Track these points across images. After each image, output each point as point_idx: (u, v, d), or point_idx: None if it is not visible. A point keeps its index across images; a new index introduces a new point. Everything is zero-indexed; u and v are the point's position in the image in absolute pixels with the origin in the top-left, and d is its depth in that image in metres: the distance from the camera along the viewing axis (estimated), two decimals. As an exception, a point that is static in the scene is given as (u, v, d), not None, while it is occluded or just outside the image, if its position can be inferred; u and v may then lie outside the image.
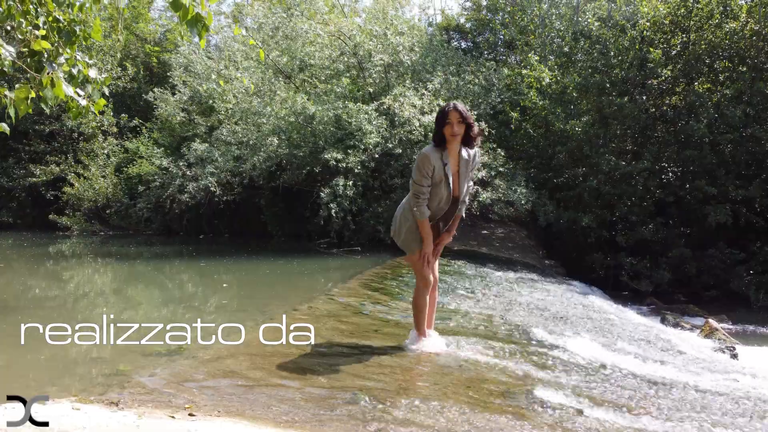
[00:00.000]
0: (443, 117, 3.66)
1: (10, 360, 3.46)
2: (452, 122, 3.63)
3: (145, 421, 2.24)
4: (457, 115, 3.64)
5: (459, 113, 3.64)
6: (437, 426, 2.60)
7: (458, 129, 3.64)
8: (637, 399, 3.58)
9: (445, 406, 2.88)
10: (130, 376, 3.01)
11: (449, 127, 3.63)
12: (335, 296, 5.76)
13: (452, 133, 3.64)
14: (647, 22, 12.44)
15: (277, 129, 12.07)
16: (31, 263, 10.84)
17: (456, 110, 3.65)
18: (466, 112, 3.69)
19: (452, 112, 3.65)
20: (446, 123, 3.64)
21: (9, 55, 2.32)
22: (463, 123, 3.65)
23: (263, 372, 3.12)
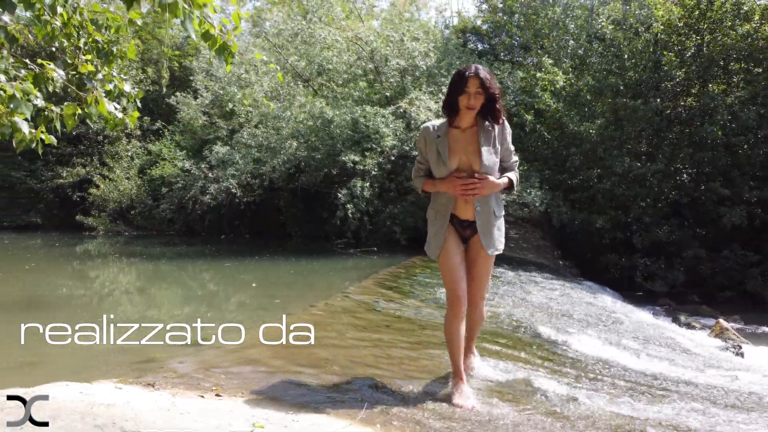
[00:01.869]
0: (460, 83, 2.93)
1: (54, 352, 3.80)
2: (470, 92, 2.92)
3: (179, 400, 2.54)
4: (477, 83, 2.90)
5: (480, 81, 2.90)
6: (438, 409, 2.86)
7: (475, 101, 2.93)
8: (630, 389, 3.80)
9: (448, 392, 3.14)
10: (163, 363, 3.33)
11: (465, 97, 2.93)
12: (351, 294, 6.05)
13: (468, 104, 2.94)
14: (661, 25, 12.54)
15: (295, 132, 12.40)
16: (60, 263, 11.29)
17: (477, 77, 2.90)
18: (489, 80, 2.92)
19: (472, 78, 2.90)
20: (463, 91, 2.93)
21: (60, 78, 2.65)
22: (483, 94, 2.92)
23: (283, 361, 3.41)
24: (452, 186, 3.04)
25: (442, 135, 3.09)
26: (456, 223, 3.19)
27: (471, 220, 3.15)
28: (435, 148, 3.09)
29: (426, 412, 2.81)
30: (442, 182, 3.10)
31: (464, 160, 3.07)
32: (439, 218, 3.19)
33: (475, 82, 2.91)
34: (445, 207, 3.17)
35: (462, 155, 3.07)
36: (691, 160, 12.75)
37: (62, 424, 1.82)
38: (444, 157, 3.06)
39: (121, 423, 1.94)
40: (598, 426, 2.91)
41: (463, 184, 3.01)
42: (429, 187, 3.20)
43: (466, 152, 3.07)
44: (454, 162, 3.07)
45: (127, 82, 3.43)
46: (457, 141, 3.09)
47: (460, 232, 3.20)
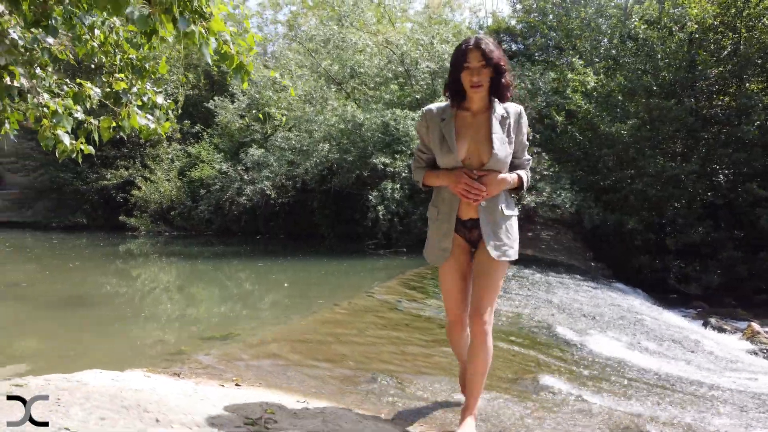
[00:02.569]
0: (460, 58, 2.49)
1: (95, 343, 4.11)
2: (472, 66, 2.46)
3: (201, 388, 2.79)
4: (478, 55, 2.44)
5: (481, 52, 2.43)
6: (443, 402, 3.04)
7: (480, 76, 2.46)
8: (639, 389, 3.89)
9: (455, 387, 3.31)
10: (190, 355, 3.60)
11: (468, 73, 2.48)
12: (375, 294, 6.25)
13: (472, 81, 2.47)
14: (695, 24, 12.39)
15: (327, 135, 12.69)
16: (104, 261, 11.81)
17: (477, 48, 2.44)
18: (492, 51, 2.47)
19: (472, 51, 2.45)
20: (464, 67, 2.48)
21: (97, 95, 2.93)
22: (487, 67, 2.45)
23: (300, 355, 3.64)
24: (456, 182, 2.52)
25: (447, 118, 2.59)
26: (460, 225, 2.65)
27: (475, 218, 2.61)
28: (439, 133, 2.59)
29: (430, 405, 2.99)
30: (447, 175, 2.57)
31: (473, 149, 2.57)
32: (442, 219, 2.65)
33: (476, 54, 2.44)
34: (449, 205, 2.63)
35: (471, 142, 2.57)
36: (728, 161, 12.55)
37: (92, 404, 2.07)
38: (450, 143, 2.55)
39: (146, 405, 2.18)
40: (596, 422, 3.04)
41: (467, 185, 2.49)
42: (432, 180, 2.68)
43: (475, 139, 2.57)
44: (462, 150, 2.56)
45: (159, 94, 3.70)
46: (466, 125, 2.59)
47: (466, 236, 2.67)
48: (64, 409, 1.94)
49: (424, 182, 2.75)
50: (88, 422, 1.86)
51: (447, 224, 2.64)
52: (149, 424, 1.98)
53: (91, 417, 1.91)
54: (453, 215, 2.63)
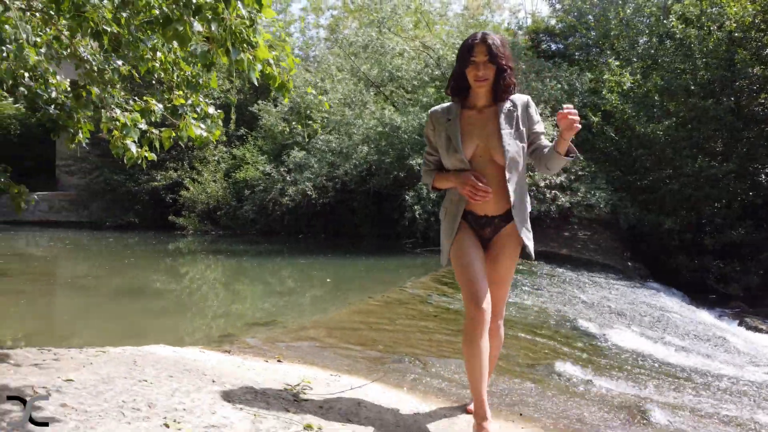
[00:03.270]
0: (466, 53, 2.50)
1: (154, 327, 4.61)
2: (477, 61, 2.47)
3: (248, 362, 3.21)
4: (484, 50, 2.46)
5: (486, 47, 2.46)
6: (461, 381, 3.39)
7: (485, 71, 2.47)
8: (653, 378, 4.15)
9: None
10: (237, 337, 4.05)
11: (473, 68, 2.48)
12: (407, 288, 6.62)
13: (476, 76, 2.48)
14: (734, 23, 12.32)
15: (366, 138, 13.12)
16: (157, 258, 12.51)
17: (483, 43, 2.47)
18: (498, 47, 2.48)
19: (478, 45, 2.47)
20: (469, 62, 2.49)
21: (159, 110, 3.39)
22: (492, 62, 2.47)
23: (335, 339, 4.04)
24: (462, 183, 2.50)
25: (453, 117, 2.57)
26: (472, 221, 2.62)
27: (490, 216, 2.58)
28: (444, 134, 2.58)
29: (449, 383, 3.34)
30: (455, 176, 2.56)
31: (481, 147, 2.54)
32: (449, 216, 2.65)
33: (481, 48, 2.45)
34: (456, 206, 2.62)
35: (478, 140, 2.54)
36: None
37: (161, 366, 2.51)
38: (456, 143, 2.53)
39: (203, 370, 2.61)
40: (599, 402, 3.34)
41: (474, 186, 2.47)
42: (441, 182, 2.67)
43: (482, 136, 2.54)
44: (469, 149, 2.53)
45: (210, 105, 4.16)
46: (472, 123, 2.56)
47: (477, 232, 2.64)
48: (140, 368, 2.37)
49: (433, 185, 2.74)
50: (160, 378, 2.30)
51: (454, 224, 2.62)
52: (207, 383, 2.40)
53: (161, 375, 2.34)
54: (460, 212, 2.61)
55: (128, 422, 1.84)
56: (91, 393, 2.09)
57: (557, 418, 2.97)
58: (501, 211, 2.59)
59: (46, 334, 4.09)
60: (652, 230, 13.23)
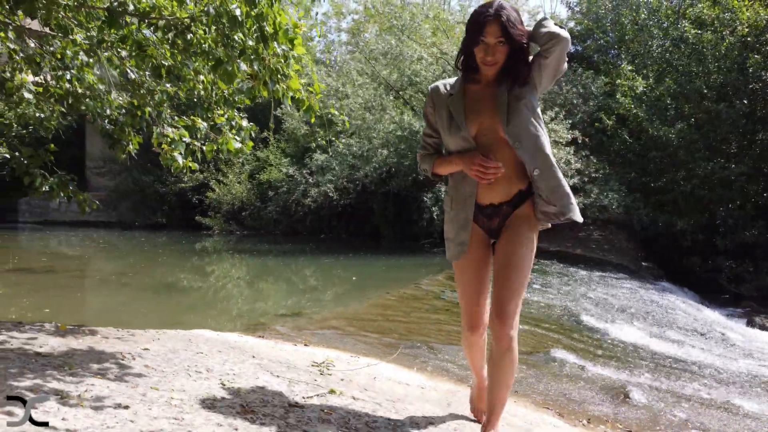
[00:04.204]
0: (476, 29, 2.12)
1: (192, 317, 5.16)
2: (488, 41, 2.10)
3: (279, 345, 3.73)
4: (497, 30, 2.07)
5: (500, 26, 2.06)
6: (464, 363, 3.86)
7: (495, 54, 2.12)
8: (644, 366, 4.57)
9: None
10: (268, 325, 4.57)
11: (482, 48, 2.12)
12: (422, 285, 7.10)
13: (485, 60, 2.13)
14: (746, 28, 12.57)
15: (386, 142, 13.63)
16: (187, 257, 13.15)
17: (497, 20, 2.07)
18: (514, 26, 2.08)
19: (491, 23, 2.07)
20: (479, 41, 2.11)
21: (204, 127, 3.92)
22: (505, 45, 2.10)
23: (355, 328, 4.54)
24: (469, 164, 2.17)
25: (455, 92, 2.26)
26: (478, 213, 2.30)
27: (497, 204, 2.26)
28: (446, 111, 2.26)
29: (453, 365, 3.81)
30: (459, 158, 2.23)
31: (486, 123, 2.20)
32: (457, 208, 2.31)
33: (494, 28, 2.06)
34: (464, 192, 2.28)
35: (484, 117, 2.20)
36: (783, 162, 12.65)
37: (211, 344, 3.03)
38: (458, 120, 2.21)
39: (244, 348, 3.12)
40: (589, 384, 3.79)
41: (482, 164, 2.13)
42: (443, 167, 2.35)
43: (489, 111, 2.20)
44: (473, 125, 2.21)
45: (244, 119, 4.68)
46: (477, 98, 2.24)
47: (485, 225, 2.31)
48: (195, 345, 2.89)
49: (433, 171, 2.39)
50: (212, 352, 2.81)
51: (464, 213, 2.28)
52: (249, 357, 2.91)
53: (213, 349, 2.85)
54: (470, 203, 2.26)
55: (194, 380, 2.36)
56: (164, 359, 2.62)
57: (547, 396, 3.43)
58: (509, 196, 2.23)
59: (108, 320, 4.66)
60: (665, 231, 13.52)
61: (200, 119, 3.77)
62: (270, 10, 2.83)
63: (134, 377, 2.27)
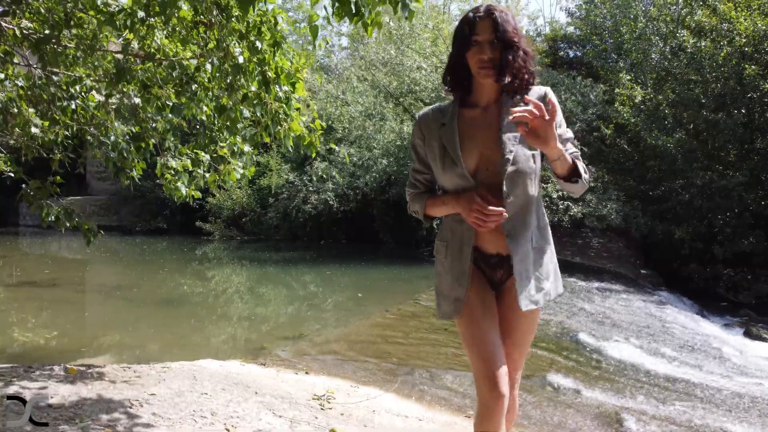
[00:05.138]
0: (467, 29, 1.83)
1: (195, 338, 5.24)
2: (482, 40, 1.81)
3: (281, 374, 3.81)
4: (490, 26, 1.80)
5: (492, 22, 1.81)
6: (463, 392, 3.94)
7: (492, 54, 1.81)
8: (639, 388, 4.65)
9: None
10: (270, 350, 4.66)
11: (477, 50, 1.82)
12: (421, 300, 7.17)
13: (481, 61, 1.82)
14: (743, 38, 12.64)
15: (386, 152, 13.73)
16: (189, 267, 13.23)
17: (489, 17, 1.82)
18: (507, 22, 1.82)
19: (482, 21, 1.81)
20: (472, 42, 1.82)
21: (208, 160, 4.01)
22: (500, 40, 1.80)
23: (355, 352, 4.62)
24: (467, 207, 1.83)
25: (448, 121, 1.93)
26: (480, 262, 1.99)
27: (504, 255, 1.94)
28: (438, 142, 1.94)
29: (452, 393, 3.89)
30: (455, 199, 1.90)
31: (485, 156, 1.89)
32: (452, 257, 1.98)
33: (486, 24, 1.80)
34: (460, 238, 1.97)
35: (483, 147, 1.89)
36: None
37: (215, 380, 3.11)
38: (454, 153, 1.89)
39: (247, 383, 3.20)
40: (583, 411, 3.87)
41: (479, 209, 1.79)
42: (436, 208, 2.02)
43: (487, 142, 1.89)
44: (471, 158, 1.90)
45: (246, 143, 4.76)
46: (475, 125, 1.92)
47: (488, 275, 2.00)
48: (199, 383, 2.98)
49: (425, 213, 2.07)
50: (216, 390, 2.89)
51: (460, 264, 1.95)
52: (252, 394, 3.00)
53: (217, 387, 2.94)
54: (468, 252, 1.94)
55: (200, 427, 2.44)
56: (171, 404, 2.71)
57: (541, 425, 3.51)
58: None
59: (114, 347, 4.75)
60: (664, 239, 13.59)
61: (203, 152, 3.84)
62: (271, 56, 2.91)
63: (143, 428, 2.35)
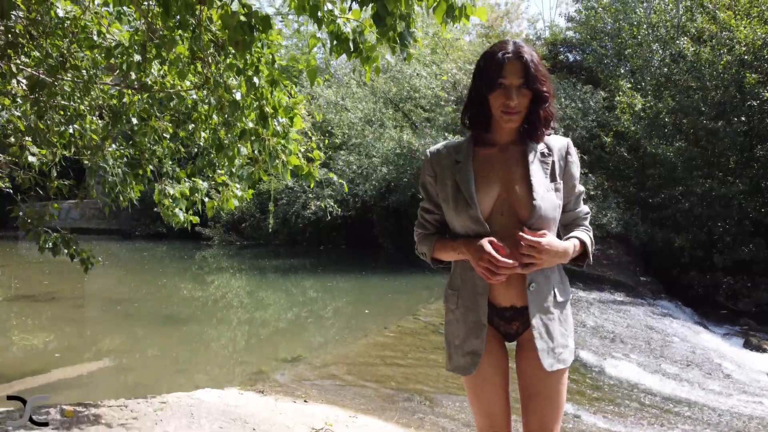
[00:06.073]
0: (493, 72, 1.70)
1: (194, 360, 5.23)
2: (509, 84, 1.69)
3: (280, 404, 3.79)
4: (520, 69, 1.68)
5: (522, 65, 1.68)
6: (462, 419, 3.93)
7: (519, 100, 1.70)
8: (639, 410, 4.64)
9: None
10: (268, 374, 4.64)
11: (502, 93, 1.70)
12: (420, 316, 7.16)
13: (506, 107, 1.70)
14: (743, 47, 12.63)
15: (386, 161, 13.72)
16: (189, 277, 13.20)
17: (519, 59, 1.69)
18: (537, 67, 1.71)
19: (511, 63, 1.68)
20: (497, 84, 1.70)
21: (205, 187, 4.00)
22: (529, 88, 1.69)
23: (353, 376, 4.61)
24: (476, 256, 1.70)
25: (463, 159, 1.82)
26: (494, 316, 1.83)
27: (519, 306, 1.80)
28: (452, 182, 1.82)
29: (452, 421, 3.88)
30: (466, 245, 1.75)
31: (503, 199, 1.77)
32: (465, 307, 1.84)
33: (515, 67, 1.68)
34: (473, 287, 1.82)
35: (500, 189, 1.78)
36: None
37: (213, 417, 3.10)
38: (468, 194, 1.77)
39: (245, 418, 3.19)
40: (583, 438, 3.85)
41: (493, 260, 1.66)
42: (445, 252, 1.87)
43: (506, 184, 1.78)
44: (487, 201, 1.78)
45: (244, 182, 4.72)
46: (491, 165, 1.81)
47: (502, 329, 1.86)
48: (197, 420, 2.97)
49: (433, 256, 1.92)
50: (214, 429, 2.88)
51: (474, 315, 1.81)
52: (250, 430, 2.98)
53: (214, 426, 2.93)
54: (483, 302, 1.80)
55: (196, 474, 2.43)
56: (167, 449, 2.69)
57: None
58: None
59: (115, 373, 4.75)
60: (664, 247, 13.57)
61: (200, 180, 3.82)
62: (269, 91, 2.90)
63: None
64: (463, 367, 1.82)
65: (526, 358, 1.81)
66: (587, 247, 1.84)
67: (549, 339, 1.78)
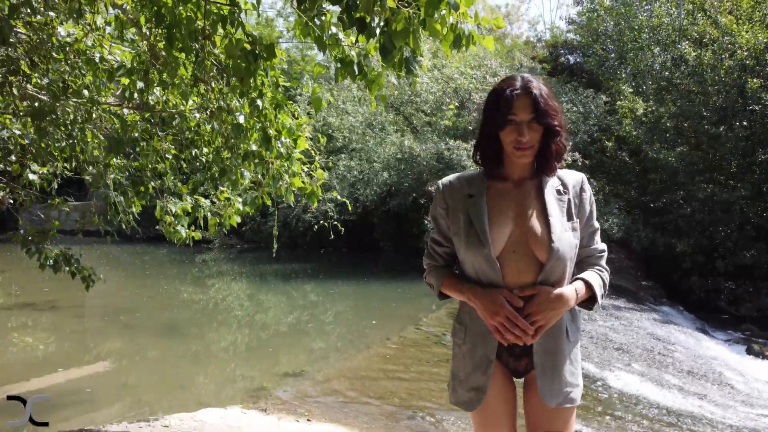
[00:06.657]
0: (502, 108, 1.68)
1: (194, 377, 5.21)
2: (520, 120, 1.67)
3: (282, 423, 3.77)
4: (528, 104, 1.67)
5: (532, 100, 1.66)
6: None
7: (531, 135, 1.68)
8: (640, 424, 4.62)
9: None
10: (271, 391, 4.62)
11: (513, 130, 1.69)
12: (422, 326, 7.14)
13: (518, 143, 1.68)
14: (745, 51, 12.60)
15: (387, 166, 13.71)
16: (190, 283, 13.18)
17: (527, 94, 1.67)
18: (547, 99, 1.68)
19: (520, 98, 1.67)
20: (507, 120, 1.68)
21: (207, 205, 3.98)
22: (539, 123, 1.67)
23: (356, 392, 4.59)
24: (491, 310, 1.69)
25: (476, 193, 1.79)
26: (502, 351, 1.81)
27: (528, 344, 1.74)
28: (464, 216, 1.77)
29: (455, 439, 3.86)
30: (476, 295, 1.73)
31: (517, 235, 1.73)
32: (473, 344, 1.82)
33: (524, 102, 1.67)
34: (482, 324, 1.77)
35: (514, 225, 1.74)
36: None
37: (214, 440, 3.09)
38: (481, 230, 1.72)
39: (248, 440, 3.18)
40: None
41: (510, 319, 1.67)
42: (454, 291, 1.83)
43: (520, 222, 1.74)
44: (500, 238, 1.72)
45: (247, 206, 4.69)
46: (505, 200, 1.78)
47: (511, 365, 1.83)
48: (200, 446, 2.96)
49: (441, 290, 1.87)
50: (216, 456, 2.87)
51: (482, 350, 1.79)
52: (252, 456, 2.97)
53: (217, 452, 2.92)
54: (491, 337, 1.76)
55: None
56: (170, 480, 2.68)
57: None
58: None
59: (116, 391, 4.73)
60: (665, 251, 13.55)
61: (202, 197, 3.80)
62: (273, 114, 2.87)
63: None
64: (466, 402, 1.81)
65: (533, 396, 1.79)
66: (595, 291, 1.79)
67: (557, 378, 1.75)
